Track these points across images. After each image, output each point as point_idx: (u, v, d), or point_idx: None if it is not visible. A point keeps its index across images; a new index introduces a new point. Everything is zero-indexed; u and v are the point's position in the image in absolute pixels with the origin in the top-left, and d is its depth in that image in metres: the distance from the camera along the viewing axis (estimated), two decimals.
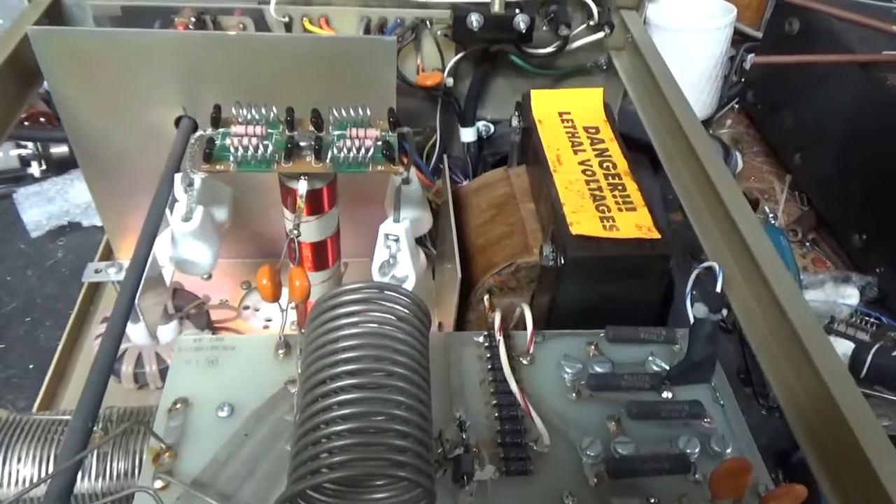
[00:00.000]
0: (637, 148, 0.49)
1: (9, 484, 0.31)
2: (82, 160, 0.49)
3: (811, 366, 0.31)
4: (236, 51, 0.43)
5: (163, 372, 0.45)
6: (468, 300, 0.42)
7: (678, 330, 0.36)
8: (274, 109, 0.37)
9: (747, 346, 0.38)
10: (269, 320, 0.52)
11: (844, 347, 0.55)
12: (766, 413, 0.50)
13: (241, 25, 0.52)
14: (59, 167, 0.67)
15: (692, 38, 0.77)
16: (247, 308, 0.53)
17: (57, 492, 0.25)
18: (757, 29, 0.94)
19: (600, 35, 0.53)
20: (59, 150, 0.67)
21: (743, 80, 0.87)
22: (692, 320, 0.34)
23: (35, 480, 0.31)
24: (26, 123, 0.65)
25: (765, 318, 0.35)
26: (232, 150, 0.36)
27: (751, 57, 0.83)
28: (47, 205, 0.63)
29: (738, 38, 0.89)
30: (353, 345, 0.28)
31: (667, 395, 0.34)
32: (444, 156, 0.52)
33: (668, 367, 0.34)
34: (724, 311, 0.36)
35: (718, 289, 0.33)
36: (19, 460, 0.31)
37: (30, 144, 0.66)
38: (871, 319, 0.58)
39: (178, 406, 0.32)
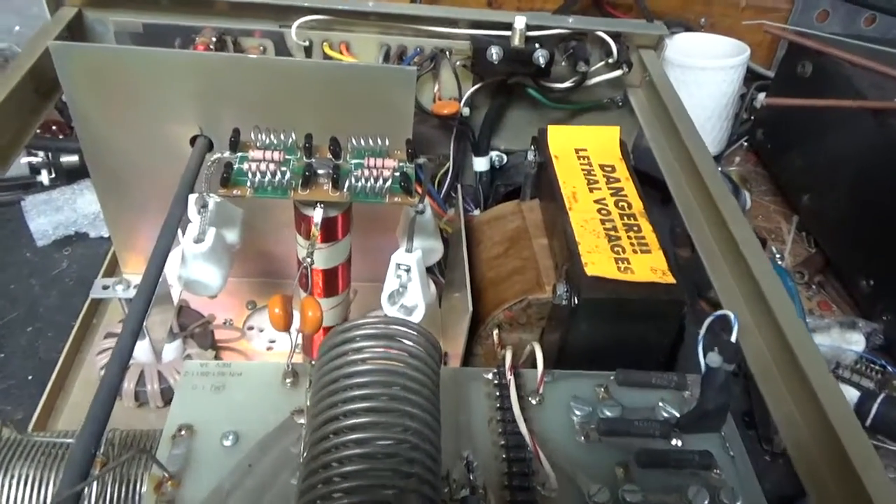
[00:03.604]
0: (648, 183, 0.49)
1: None
2: (95, 173, 0.49)
3: (821, 413, 0.31)
4: (255, 73, 0.43)
5: (164, 391, 0.45)
6: (477, 333, 0.42)
7: (689, 376, 0.36)
8: (293, 135, 0.37)
9: (753, 389, 0.38)
10: (272, 341, 0.52)
11: (849, 395, 0.54)
12: (770, 459, 0.50)
13: (261, 48, 0.52)
14: (69, 176, 0.67)
15: (705, 76, 0.77)
16: (251, 328, 0.53)
17: None
18: (769, 68, 0.94)
19: (618, 73, 0.53)
20: (69, 159, 0.66)
21: (753, 118, 0.88)
22: (704, 368, 0.33)
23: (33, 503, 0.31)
24: (38, 132, 0.65)
25: (777, 365, 0.35)
26: (249, 175, 0.36)
27: (762, 96, 0.84)
28: (55, 214, 0.63)
29: (750, 77, 0.90)
30: (364, 381, 0.28)
31: (676, 442, 0.33)
32: (458, 186, 0.52)
33: (677, 414, 0.34)
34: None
35: (734, 339, 0.33)
36: (18, 481, 0.31)
37: (40, 153, 0.66)
38: (877, 367, 0.58)
39: (183, 433, 0.31)
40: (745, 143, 0.88)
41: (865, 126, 0.65)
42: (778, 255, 0.73)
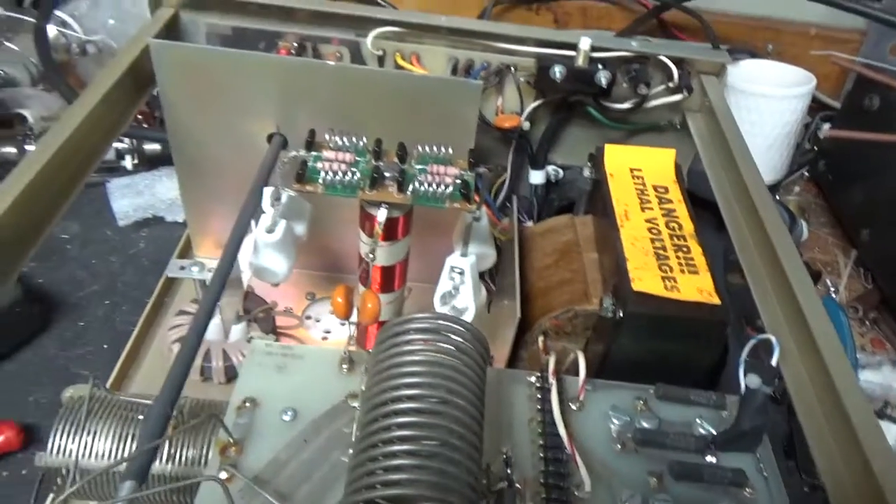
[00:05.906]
0: (703, 206, 0.49)
1: (87, 456, 0.34)
2: (178, 161, 0.52)
3: (860, 450, 0.31)
4: (331, 79, 0.46)
5: (227, 369, 0.48)
6: (523, 339, 0.44)
7: (729, 396, 0.37)
8: (363, 139, 0.40)
9: (794, 419, 0.38)
10: (328, 332, 0.55)
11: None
12: (809, 490, 0.49)
13: (337, 54, 0.55)
14: (150, 163, 0.72)
15: (769, 104, 0.77)
16: (309, 318, 0.55)
17: (135, 471, 0.28)
18: (836, 98, 0.93)
19: (678, 97, 0.54)
20: (152, 147, 0.71)
21: (816, 148, 0.87)
22: (744, 389, 0.34)
23: (110, 455, 0.34)
24: None
25: (817, 395, 0.35)
26: (322, 173, 0.38)
27: (826, 126, 0.83)
28: (136, 197, 0.68)
29: (815, 106, 0.88)
30: (416, 370, 0.30)
31: (711, 459, 0.34)
32: (514, 196, 0.54)
33: (714, 432, 0.35)
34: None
35: (774, 362, 0.33)
36: (99, 435, 0.34)
37: (125, 139, 0.71)
38: None
39: (247, 405, 0.34)
40: (806, 173, 0.87)
41: None
42: (833, 289, 0.72)
